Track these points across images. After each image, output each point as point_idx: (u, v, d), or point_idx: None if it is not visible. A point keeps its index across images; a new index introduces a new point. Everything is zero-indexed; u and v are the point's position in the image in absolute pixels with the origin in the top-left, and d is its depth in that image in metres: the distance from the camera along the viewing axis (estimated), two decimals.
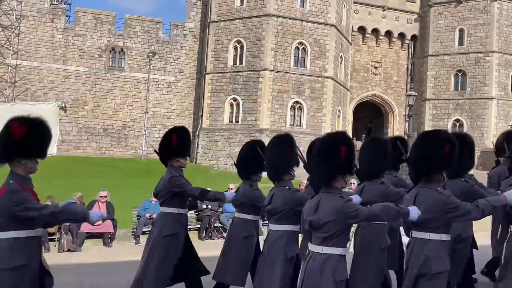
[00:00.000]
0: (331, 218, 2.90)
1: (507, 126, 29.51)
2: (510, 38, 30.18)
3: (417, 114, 30.80)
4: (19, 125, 3.10)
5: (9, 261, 2.91)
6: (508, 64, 30.17)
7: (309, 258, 3.02)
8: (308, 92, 26.50)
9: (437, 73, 31.23)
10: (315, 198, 3.10)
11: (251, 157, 4.62)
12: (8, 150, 3.10)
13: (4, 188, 2.98)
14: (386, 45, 32.81)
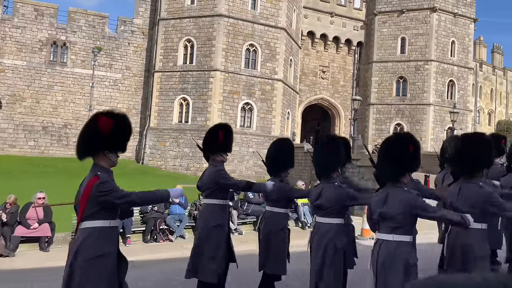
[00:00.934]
0: (402, 210, 3.26)
1: (443, 131, 31.58)
2: (447, 48, 32.32)
3: (362, 117, 32.11)
4: (106, 119, 3.25)
5: (98, 250, 3.14)
6: (445, 73, 32.29)
7: (379, 245, 3.36)
8: (258, 94, 26.73)
9: (380, 79, 32.72)
10: (381, 192, 3.45)
11: (281, 155, 5.10)
12: (95, 144, 3.25)
13: (95, 178, 3.15)
14: (334, 50, 33.90)
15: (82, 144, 3.31)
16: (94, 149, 3.26)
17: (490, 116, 45.28)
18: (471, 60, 34.88)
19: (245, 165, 25.78)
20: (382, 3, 32.59)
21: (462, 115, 31.61)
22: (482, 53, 50.87)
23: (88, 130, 3.31)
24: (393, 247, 3.28)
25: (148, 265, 7.64)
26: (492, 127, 44.90)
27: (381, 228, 3.39)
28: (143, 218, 9.99)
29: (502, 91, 46.90)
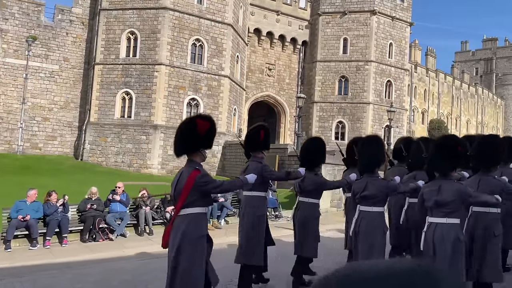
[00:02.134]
0: (454, 198, 4.07)
1: (381, 129, 33.21)
2: (385, 50, 33.97)
3: (306, 115, 32.89)
4: (203, 122, 3.86)
5: (200, 231, 3.81)
6: (383, 73, 33.93)
7: (434, 227, 4.15)
8: (205, 90, 26.46)
9: (324, 78, 33.70)
10: (433, 184, 4.27)
11: (316, 151, 5.76)
12: (195, 143, 3.87)
13: (196, 171, 3.79)
14: (280, 48, 34.39)
15: (182, 145, 3.96)
16: (193, 148, 3.92)
17: (423, 115, 48.33)
18: (407, 62, 36.95)
19: None
20: (326, 4, 33.53)
21: (398, 113, 33.42)
22: (417, 56, 54.11)
23: (187, 132, 3.93)
24: (447, 228, 4.09)
25: (87, 266, 7.32)
26: (425, 126, 47.99)
27: (434, 213, 4.21)
28: (81, 217, 9.53)
29: (435, 92, 50.23)
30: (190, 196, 3.77)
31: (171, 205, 10.07)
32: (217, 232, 9.83)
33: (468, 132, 56.26)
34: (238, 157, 23.82)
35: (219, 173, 25.27)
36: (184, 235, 3.72)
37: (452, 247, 4.03)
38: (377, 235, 4.71)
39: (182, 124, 4.05)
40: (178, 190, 3.84)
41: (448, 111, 52.83)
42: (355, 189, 5.02)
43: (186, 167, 3.91)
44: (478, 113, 58.81)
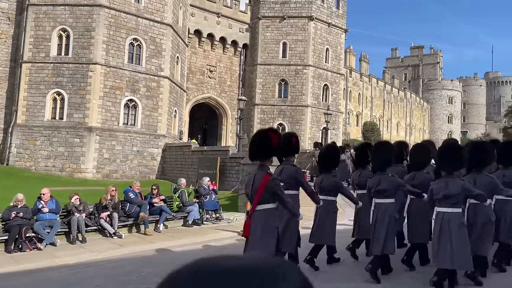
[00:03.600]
0: (459, 192, 5.15)
1: (319, 130, 34.33)
2: (322, 55, 35.17)
3: (248, 117, 33.14)
4: (274, 135, 4.83)
5: (274, 222, 4.76)
6: (321, 77, 35.11)
7: (442, 215, 5.23)
8: (143, 91, 25.69)
9: (264, 80, 34.16)
10: (440, 181, 5.34)
11: (332, 156, 6.81)
12: (267, 152, 4.86)
13: (268, 175, 4.72)
14: (221, 50, 34.34)
15: (257, 153, 4.91)
16: (265, 156, 4.88)
17: (358, 118, 50.72)
18: (342, 66, 38.55)
19: (128, 165, 24.57)
20: (265, 8, 34.04)
21: (334, 116, 34.74)
22: (352, 61, 56.71)
23: (263, 144, 4.84)
24: (452, 216, 5.18)
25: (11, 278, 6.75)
26: (360, 128, 50.40)
27: (442, 204, 5.25)
28: (6, 226, 8.78)
29: (368, 96, 52.94)
30: (264, 195, 4.73)
31: (106, 211, 9.62)
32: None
33: (398, 134, 59.95)
34: (179, 159, 23.39)
35: (159, 176, 24.64)
36: (264, 225, 4.71)
37: (457, 230, 5.11)
38: (391, 221, 5.81)
39: (257, 135, 5.00)
40: (254, 189, 4.77)
41: (380, 114, 55.90)
42: (370, 185, 6.04)
43: (259, 171, 4.86)
44: (407, 115, 62.88)
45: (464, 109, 79.09)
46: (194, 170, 19.96)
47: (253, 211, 4.77)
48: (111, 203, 9.80)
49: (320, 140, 32.16)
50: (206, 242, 9.04)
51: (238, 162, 15.93)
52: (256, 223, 4.72)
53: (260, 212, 4.72)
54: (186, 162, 22.09)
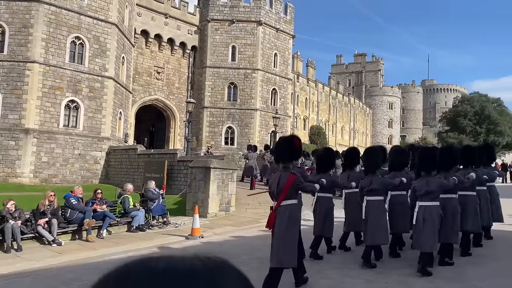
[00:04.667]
0: (437, 189, 6.38)
1: (268, 134, 34.74)
2: (271, 59, 35.66)
3: (196, 120, 32.79)
4: (298, 141, 5.79)
5: (297, 214, 5.71)
6: (269, 81, 35.57)
7: (424, 208, 6.39)
8: (86, 91, 24.59)
9: (213, 83, 34.00)
10: (421, 180, 6.59)
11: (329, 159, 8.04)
12: (292, 156, 5.76)
13: (293, 175, 5.55)
14: (169, 52, 33.76)
15: (286, 156, 5.69)
16: (292, 159, 5.79)
17: (305, 122, 51.99)
18: (290, 71, 39.34)
19: (69, 169, 23.37)
20: (214, 11, 33.96)
21: (283, 120, 35.35)
22: (299, 66, 58.08)
23: (288, 148, 5.71)
24: (432, 208, 6.36)
25: None
26: (307, 131, 51.68)
27: (424, 199, 6.41)
28: None
29: (314, 100, 54.45)
30: (289, 192, 5.50)
31: (44, 218, 9.09)
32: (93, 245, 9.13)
33: (342, 137, 62.21)
34: (124, 163, 22.63)
35: (103, 180, 23.68)
36: (290, 218, 5.47)
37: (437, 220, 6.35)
38: (382, 215, 6.93)
39: (282, 141, 5.99)
40: (281, 187, 5.51)
41: (326, 118, 57.70)
42: (362, 185, 7.07)
43: (284, 172, 5.65)
44: (351, 120, 65.43)
45: (403, 114, 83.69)
46: (140, 174, 19.40)
47: (278, 206, 5.54)
48: (49, 209, 9.28)
49: (269, 143, 32.53)
50: (152, 247, 8.82)
51: (186, 165, 15.70)
52: (282, 216, 5.49)
53: (285, 206, 5.53)
54: (131, 166, 21.43)
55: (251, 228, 10.83)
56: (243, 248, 8.35)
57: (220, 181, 13.38)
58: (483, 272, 6.54)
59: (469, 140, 56.56)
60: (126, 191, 11.26)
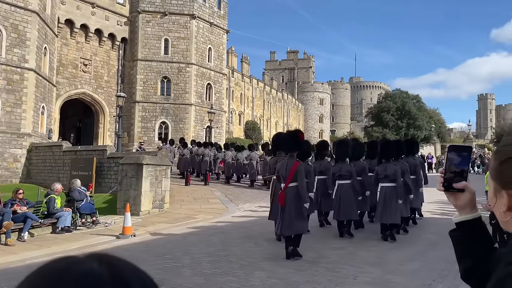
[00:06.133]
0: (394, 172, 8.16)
1: (203, 129, 34.45)
2: (205, 54, 35.31)
3: (128, 115, 31.59)
4: (301, 133, 7.70)
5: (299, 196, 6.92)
6: (204, 76, 35.23)
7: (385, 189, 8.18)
8: (3, 84, 22.55)
9: (146, 77, 32.94)
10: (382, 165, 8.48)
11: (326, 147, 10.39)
12: (297, 147, 7.19)
13: (297, 162, 6.96)
14: (97, 43, 32.05)
15: (293, 146, 7.11)
16: (297, 149, 7.10)
17: (240, 117, 52.31)
18: (224, 66, 39.28)
19: None
20: (145, 2, 32.82)
21: (218, 115, 35.25)
22: (234, 62, 58.19)
23: (293, 141, 7.18)
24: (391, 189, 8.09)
25: None
26: (242, 126, 52.06)
27: (384, 181, 8.19)
28: None
29: (249, 96, 54.95)
30: (294, 176, 6.78)
31: None
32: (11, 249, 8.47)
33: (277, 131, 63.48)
34: (48, 161, 21.12)
35: (24, 180, 21.95)
36: (296, 195, 6.82)
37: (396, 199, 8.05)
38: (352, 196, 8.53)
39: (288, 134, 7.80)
40: (287, 171, 6.84)
41: (261, 113, 58.55)
42: (334, 171, 8.83)
43: (290, 159, 7.00)
44: (284, 115, 67.05)
45: (333, 110, 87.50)
46: (67, 172, 18.25)
47: (286, 187, 6.84)
48: None
49: (204, 139, 32.31)
50: (79, 248, 8.37)
51: (116, 162, 15.07)
52: (291, 195, 6.81)
53: (292, 187, 6.84)
54: (56, 164, 20.07)
55: (185, 225, 10.69)
56: (175, 245, 8.23)
57: (153, 178, 13.03)
58: (403, 256, 7.07)
59: (391, 134, 60.67)
60: (54, 191, 10.55)
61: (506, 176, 0.98)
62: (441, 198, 14.25)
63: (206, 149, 20.24)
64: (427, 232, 9.30)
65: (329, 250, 7.40)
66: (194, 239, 8.80)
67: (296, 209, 6.76)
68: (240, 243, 8.19)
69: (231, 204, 13.89)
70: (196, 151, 20.49)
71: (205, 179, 18.32)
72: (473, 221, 1.12)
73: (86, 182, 13.78)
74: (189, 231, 9.87)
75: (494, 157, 1.04)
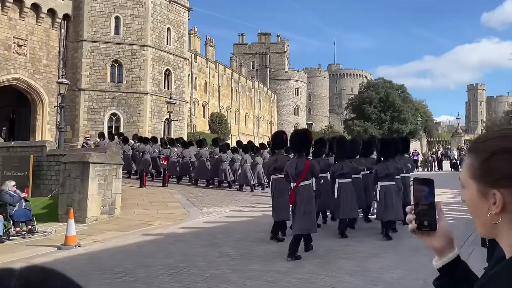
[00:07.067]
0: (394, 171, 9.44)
1: (161, 122, 34.07)
2: (163, 35, 34.85)
3: (72, 105, 30.80)
4: (310, 133, 8.68)
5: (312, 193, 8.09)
6: (162, 60, 34.78)
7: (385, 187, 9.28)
8: None
9: (93, 61, 32.19)
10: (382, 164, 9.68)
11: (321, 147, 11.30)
12: (307, 147, 8.39)
13: (309, 160, 8.07)
14: (34, 20, 30.99)
15: (301, 146, 8.03)
16: (306, 149, 8.22)
17: (204, 108, 52.04)
18: (186, 50, 38.97)
19: None
20: None
21: (178, 106, 34.93)
22: (197, 44, 57.76)
23: (303, 140, 8.15)
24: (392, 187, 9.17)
25: None
26: (207, 119, 51.82)
27: (384, 180, 9.17)
28: None
29: (215, 84, 54.74)
30: (306, 175, 7.64)
31: None
32: None
33: (246, 125, 63.72)
34: None
35: None
36: (309, 194, 7.73)
37: (396, 196, 9.15)
38: (354, 195, 9.51)
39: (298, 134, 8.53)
40: (298, 170, 7.62)
41: (228, 104, 58.48)
42: (334, 170, 9.72)
43: (300, 158, 7.83)
44: (255, 107, 67.28)
45: (309, 101, 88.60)
46: None
47: (297, 186, 7.64)
48: None
49: (163, 133, 31.95)
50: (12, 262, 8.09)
51: (58, 160, 14.67)
52: (302, 193, 7.63)
53: (304, 186, 7.68)
54: None
55: (140, 232, 10.55)
56: (127, 256, 8.11)
57: (102, 179, 12.78)
58: (385, 263, 7.26)
59: (374, 128, 62.08)
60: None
61: (495, 173, 0.99)
62: None
63: (147, 145, 20.11)
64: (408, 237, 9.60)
65: (305, 259, 7.50)
66: (150, 249, 8.71)
67: (306, 208, 7.62)
68: (203, 252, 8.16)
69: (193, 209, 13.83)
70: (137, 148, 20.37)
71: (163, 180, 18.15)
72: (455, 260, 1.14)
73: (22, 184, 13.32)
74: (144, 239, 9.75)
75: (474, 155, 1.04)
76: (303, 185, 7.67)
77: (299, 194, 7.62)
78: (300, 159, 7.81)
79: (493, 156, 1.00)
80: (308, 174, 7.71)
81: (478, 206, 1.03)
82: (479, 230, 1.06)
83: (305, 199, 7.62)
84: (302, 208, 7.55)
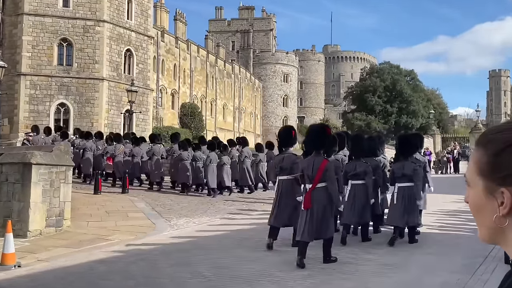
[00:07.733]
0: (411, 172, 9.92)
1: (120, 114, 33.89)
2: (123, 8, 34.66)
3: (10, 93, 30.46)
4: (328, 128, 9.40)
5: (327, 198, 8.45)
6: (121, 39, 34.58)
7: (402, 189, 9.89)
8: None
9: (36, 39, 31.95)
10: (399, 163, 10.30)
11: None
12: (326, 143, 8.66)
13: (326, 160, 8.42)
14: None
15: (318, 144, 8.47)
16: (323, 146, 8.57)
17: (173, 98, 51.92)
18: (151, 26, 38.83)
19: None
20: None
21: (142, 95, 34.80)
22: (164, 20, 57.57)
23: (323, 137, 8.63)
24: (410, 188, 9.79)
25: None
26: (176, 111, 51.70)
27: (401, 181, 9.84)
28: None
29: (186, 68, 54.63)
30: (323, 175, 8.09)
31: None
32: None
33: (225, 119, 63.76)
34: None
35: None
36: (327, 198, 8.19)
37: (414, 198, 9.70)
38: (368, 198, 10.10)
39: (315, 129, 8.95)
40: (315, 171, 8.10)
41: (203, 93, 58.45)
42: (347, 170, 10.41)
43: (317, 157, 8.27)
44: (236, 96, 67.38)
45: (301, 89, 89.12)
46: None
47: (314, 188, 8.12)
48: None
49: (122, 128, 31.77)
50: None
51: None
52: (320, 196, 8.13)
53: (321, 188, 8.15)
54: None
55: (94, 249, 10.48)
56: (78, 278, 8.05)
57: (48, 184, 12.67)
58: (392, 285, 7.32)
59: (378, 122, 62.69)
60: None
61: (506, 169, 1.01)
62: (442, 207, 14.89)
63: (89, 142, 20.02)
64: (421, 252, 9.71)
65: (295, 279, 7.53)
66: (105, 269, 8.66)
67: (324, 212, 8.19)
68: (171, 273, 8.14)
69: (160, 220, 13.79)
70: (78, 145, 20.29)
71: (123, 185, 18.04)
72: None
73: None
74: (98, 258, 9.69)
75: (483, 149, 1.07)
76: (320, 187, 8.18)
77: (315, 197, 8.13)
78: (317, 158, 8.33)
79: (505, 150, 1.02)
80: (325, 175, 8.23)
81: (483, 207, 1.06)
82: (481, 235, 1.08)
83: (323, 202, 8.16)
84: (320, 212, 8.10)
